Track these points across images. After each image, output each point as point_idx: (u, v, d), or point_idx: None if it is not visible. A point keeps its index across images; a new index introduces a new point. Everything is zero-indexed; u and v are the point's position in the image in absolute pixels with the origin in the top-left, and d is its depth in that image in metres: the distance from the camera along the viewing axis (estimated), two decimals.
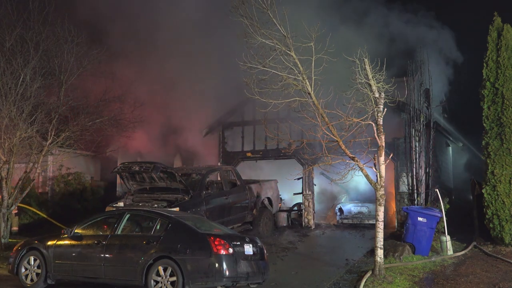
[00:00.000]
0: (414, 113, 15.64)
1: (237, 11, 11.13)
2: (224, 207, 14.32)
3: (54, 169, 19.96)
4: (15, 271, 10.41)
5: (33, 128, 14.55)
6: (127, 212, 10.37)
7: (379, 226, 10.87)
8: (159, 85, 20.03)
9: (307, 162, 16.90)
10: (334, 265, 12.53)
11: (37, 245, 10.43)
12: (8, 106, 14.16)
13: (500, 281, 10.43)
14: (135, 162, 14.05)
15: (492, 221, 13.32)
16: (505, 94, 13.34)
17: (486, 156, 13.62)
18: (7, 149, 14.38)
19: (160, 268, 9.11)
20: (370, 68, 10.64)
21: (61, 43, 15.70)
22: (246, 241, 9.76)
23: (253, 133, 19.42)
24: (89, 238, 10.08)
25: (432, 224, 12.95)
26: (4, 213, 14.49)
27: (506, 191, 13.14)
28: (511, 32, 13.62)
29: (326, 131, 10.92)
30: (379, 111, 10.79)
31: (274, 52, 11.00)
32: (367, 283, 10.38)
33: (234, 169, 16.09)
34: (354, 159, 10.94)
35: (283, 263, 12.74)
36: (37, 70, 14.93)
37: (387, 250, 12.41)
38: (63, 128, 15.81)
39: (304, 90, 11.00)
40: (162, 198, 13.48)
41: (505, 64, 13.45)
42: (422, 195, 15.11)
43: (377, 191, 10.85)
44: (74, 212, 18.52)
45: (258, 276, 9.72)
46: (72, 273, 10.04)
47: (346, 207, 19.10)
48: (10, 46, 14.80)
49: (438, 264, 12.20)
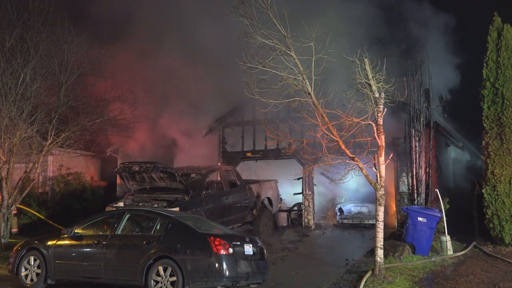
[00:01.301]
0: (414, 113, 15.63)
1: (237, 11, 11.13)
2: (224, 207, 14.32)
3: (54, 169, 19.95)
4: (15, 271, 10.41)
5: (33, 128, 14.54)
6: (127, 212, 10.37)
7: (379, 226, 10.87)
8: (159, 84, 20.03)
9: (307, 162, 16.89)
10: (334, 265, 12.53)
11: (37, 245, 10.43)
12: (8, 106, 14.15)
13: (500, 281, 10.43)
14: (135, 162, 14.04)
15: (492, 221, 13.32)
16: (505, 94, 13.34)
17: (486, 156, 13.62)
18: (7, 149, 14.38)
19: (160, 268, 9.12)
20: (370, 68, 10.64)
21: (61, 43, 15.69)
22: (246, 241, 9.76)
23: (253, 133, 19.42)
24: (89, 238, 10.08)
25: (432, 224, 12.95)
26: (4, 213, 14.49)
27: (506, 191, 13.14)
28: (511, 32, 13.62)
29: (326, 131, 10.92)
30: (379, 111, 10.79)
31: (274, 52, 11.01)
32: (367, 283, 10.39)
33: (234, 169, 16.09)
34: (354, 159, 10.94)
35: (283, 263, 12.74)
36: (37, 70, 14.92)
37: (387, 250, 12.41)
38: (63, 128, 15.81)
39: (304, 90, 11.01)
40: (162, 198, 13.48)
41: (505, 64, 13.45)
42: (422, 195, 15.10)
43: (377, 191, 10.85)
44: (74, 212, 18.52)
45: (258, 276, 9.72)
46: (72, 273, 10.05)
47: (346, 207, 19.11)
48: (10, 46, 14.79)
49: (438, 264, 12.20)
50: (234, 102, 19.26)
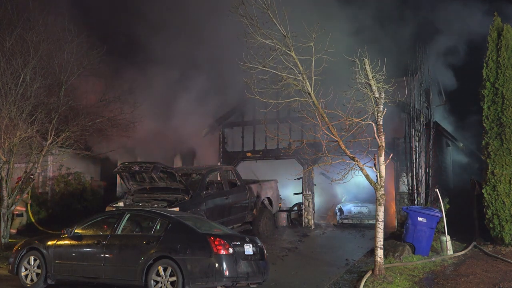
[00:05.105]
0: (414, 113, 15.63)
1: (237, 11, 11.13)
2: (224, 207, 14.32)
3: (54, 169, 19.93)
4: (15, 271, 10.41)
5: (33, 128, 14.52)
6: (127, 212, 10.38)
7: (379, 226, 10.87)
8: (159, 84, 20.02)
9: (307, 162, 16.89)
10: (334, 265, 12.53)
11: (37, 245, 10.43)
12: (8, 106, 14.14)
13: (500, 281, 10.44)
14: (135, 162, 14.04)
15: (492, 221, 13.32)
16: (505, 94, 13.34)
17: (486, 156, 13.61)
18: (7, 149, 14.36)
19: (160, 268, 9.12)
20: (370, 68, 10.65)
21: (61, 43, 15.69)
22: (246, 241, 9.76)
23: (253, 133, 19.42)
24: (89, 238, 10.08)
25: (432, 224, 12.95)
26: (4, 213, 14.49)
27: (506, 191, 13.14)
28: (511, 32, 13.61)
29: (326, 131, 10.92)
30: (379, 111, 10.80)
31: (274, 52, 11.01)
32: (367, 283, 10.39)
33: (234, 169, 16.08)
34: (354, 159, 10.94)
35: (283, 263, 12.74)
36: (37, 70, 14.91)
37: (387, 250, 12.41)
38: (63, 128, 15.79)
39: (304, 90, 11.01)
40: (162, 198, 13.48)
41: (505, 64, 13.44)
42: (422, 195, 15.10)
43: (377, 191, 10.85)
44: (74, 212, 18.50)
45: (258, 276, 9.72)
46: (72, 273, 10.04)
47: (346, 207, 19.11)
48: (10, 46, 14.78)
49: (438, 264, 12.20)
50: (234, 102, 19.26)
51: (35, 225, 17.15)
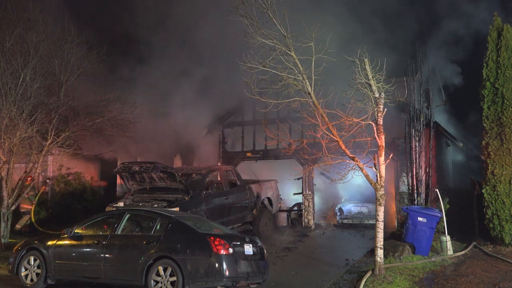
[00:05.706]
0: (414, 113, 15.63)
1: (237, 11, 11.13)
2: (224, 207, 14.32)
3: (54, 169, 19.92)
4: (15, 271, 10.41)
5: (33, 128, 14.52)
6: (127, 212, 10.38)
7: (379, 226, 10.88)
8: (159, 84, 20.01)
9: (307, 162, 16.88)
10: (334, 265, 12.53)
11: (37, 245, 10.44)
12: (8, 106, 14.13)
13: (500, 281, 10.44)
14: (135, 162, 14.05)
15: (492, 221, 13.32)
16: (505, 94, 13.35)
17: (486, 156, 13.62)
18: (7, 149, 14.36)
19: (160, 268, 9.12)
20: (370, 68, 10.64)
21: (61, 43, 15.68)
22: (246, 241, 9.77)
23: (253, 133, 19.41)
24: (89, 238, 10.08)
25: (432, 224, 12.95)
26: (4, 213, 14.49)
27: (506, 191, 13.15)
28: (511, 32, 13.62)
29: (326, 131, 10.92)
30: (379, 111, 10.80)
31: (274, 52, 11.01)
32: (367, 283, 10.39)
33: (234, 169, 16.09)
34: (354, 159, 10.94)
35: (283, 263, 12.75)
36: (37, 70, 14.89)
37: (387, 250, 12.41)
38: (63, 128, 15.78)
39: (304, 90, 11.01)
40: (162, 198, 13.48)
41: (505, 64, 13.45)
42: (422, 195, 15.10)
43: (377, 191, 10.86)
44: (74, 212, 18.50)
45: (258, 276, 9.72)
46: (72, 273, 10.05)
47: (346, 207, 19.10)
48: (10, 46, 14.78)
49: (438, 264, 12.20)
50: (234, 102, 19.26)
51: (35, 225, 17.15)
